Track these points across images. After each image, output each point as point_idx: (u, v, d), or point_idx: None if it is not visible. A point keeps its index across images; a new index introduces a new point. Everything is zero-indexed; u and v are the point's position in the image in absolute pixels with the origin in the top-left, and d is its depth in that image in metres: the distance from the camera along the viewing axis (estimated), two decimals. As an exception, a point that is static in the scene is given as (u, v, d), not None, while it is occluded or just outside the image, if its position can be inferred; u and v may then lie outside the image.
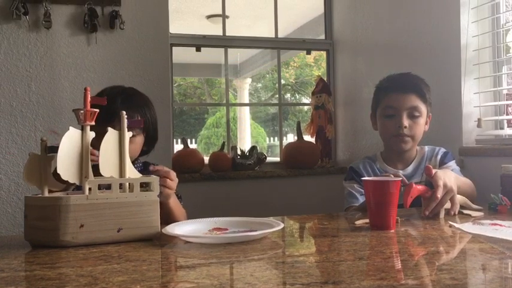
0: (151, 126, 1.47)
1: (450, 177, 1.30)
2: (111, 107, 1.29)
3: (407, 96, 1.59)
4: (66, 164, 0.98)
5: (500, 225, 1.13)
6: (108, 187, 1.06)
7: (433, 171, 1.29)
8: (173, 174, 1.27)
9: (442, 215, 1.28)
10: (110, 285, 0.70)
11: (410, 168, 1.64)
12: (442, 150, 1.68)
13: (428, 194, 1.26)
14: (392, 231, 1.10)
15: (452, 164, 1.64)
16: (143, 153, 1.50)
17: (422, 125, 1.62)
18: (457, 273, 0.74)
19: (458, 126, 2.01)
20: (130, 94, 1.46)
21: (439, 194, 1.24)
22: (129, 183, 1.05)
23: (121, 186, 1.03)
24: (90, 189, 0.99)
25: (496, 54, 1.99)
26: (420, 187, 1.27)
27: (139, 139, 1.43)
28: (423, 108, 1.61)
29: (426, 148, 1.69)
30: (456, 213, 1.30)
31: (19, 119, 2.27)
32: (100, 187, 1.03)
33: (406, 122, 1.58)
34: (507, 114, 2.01)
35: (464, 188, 1.42)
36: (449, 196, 1.27)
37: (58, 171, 0.97)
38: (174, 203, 1.33)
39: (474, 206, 1.38)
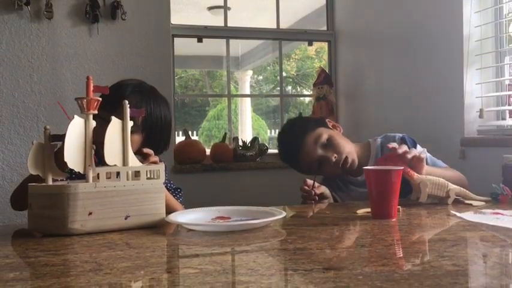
0: (153, 125, 1.35)
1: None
2: (117, 94, 1.27)
3: (304, 144, 1.57)
4: (72, 152, 0.98)
5: (502, 214, 1.14)
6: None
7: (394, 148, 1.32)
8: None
9: (423, 199, 1.30)
10: (114, 271, 0.70)
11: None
12: (399, 135, 1.63)
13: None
14: (394, 220, 1.11)
15: (418, 149, 1.51)
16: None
17: (338, 138, 1.60)
18: (459, 260, 0.75)
19: (460, 116, 2.01)
20: (141, 86, 1.39)
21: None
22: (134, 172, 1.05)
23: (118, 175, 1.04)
24: (93, 177, 1.00)
25: (498, 45, 1.98)
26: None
27: (135, 138, 1.29)
28: (321, 131, 1.59)
29: (379, 139, 1.66)
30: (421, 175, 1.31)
31: (21, 109, 2.28)
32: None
33: (329, 153, 1.55)
34: (509, 105, 2.01)
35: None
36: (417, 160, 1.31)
37: (65, 160, 0.97)
38: (167, 194, 1.32)
39: (477, 197, 1.38)
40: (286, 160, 1.71)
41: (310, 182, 1.47)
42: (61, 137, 1.02)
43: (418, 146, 1.58)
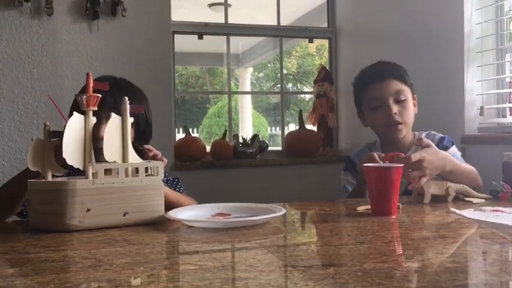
0: (140, 119, 1.37)
1: (437, 159, 1.29)
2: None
3: (387, 82, 1.55)
4: (71, 149, 0.98)
5: (502, 211, 1.14)
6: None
7: (424, 142, 1.30)
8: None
9: (427, 200, 1.29)
10: (113, 267, 0.70)
11: None
12: (440, 135, 1.63)
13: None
14: (394, 217, 1.11)
15: (453, 149, 1.58)
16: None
17: (411, 108, 1.57)
18: (458, 256, 0.75)
19: (461, 114, 2.00)
20: (118, 82, 1.39)
21: (412, 158, 1.26)
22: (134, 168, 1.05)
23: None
24: (93, 173, 1.00)
25: (499, 42, 1.98)
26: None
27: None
28: (407, 90, 1.57)
29: (424, 134, 1.67)
30: (416, 187, 1.30)
31: (21, 106, 2.28)
32: None
33: (394, 108, 1.53)
34: (510, 102, 2.00)
35: (460, 178, 1.37)
36: (418, 173, 1.27)
37: (64, 156, 0.97)
38: (166, 189, 1.32)
39: (478, 194, 1.37)
40: (359, 81, 1.66)
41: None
42: (60, 134, 1.02)
43: (454, 148, 1.58)
